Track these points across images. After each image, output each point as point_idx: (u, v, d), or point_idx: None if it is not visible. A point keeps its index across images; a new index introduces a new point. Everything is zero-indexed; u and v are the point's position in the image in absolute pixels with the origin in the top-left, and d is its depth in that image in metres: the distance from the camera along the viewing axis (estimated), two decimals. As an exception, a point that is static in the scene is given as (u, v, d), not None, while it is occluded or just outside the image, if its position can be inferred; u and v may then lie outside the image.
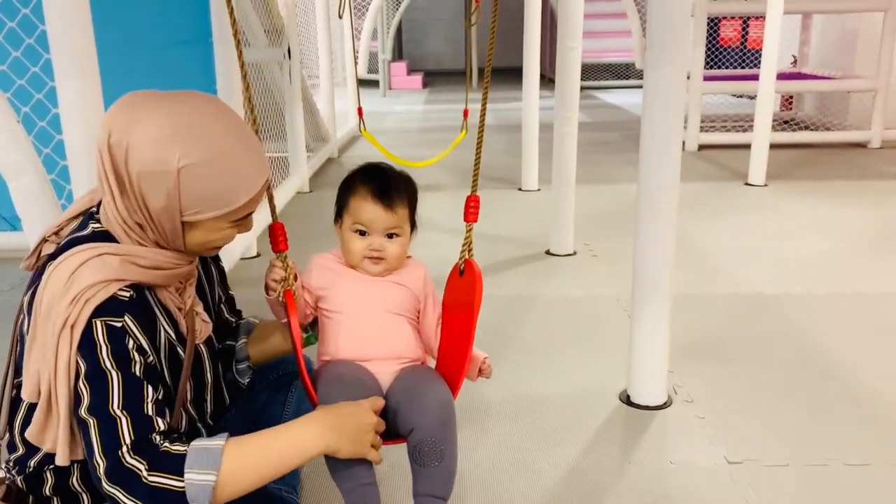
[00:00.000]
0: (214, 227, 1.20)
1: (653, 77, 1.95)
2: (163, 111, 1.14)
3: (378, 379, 1.38)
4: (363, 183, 1.42)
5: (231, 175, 1.17)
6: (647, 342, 2.12)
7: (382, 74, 11.19)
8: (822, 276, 3.23)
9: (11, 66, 2.54)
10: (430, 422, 1.30)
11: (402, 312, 1.44)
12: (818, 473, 1.83)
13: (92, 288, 1.10)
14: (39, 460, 1.23)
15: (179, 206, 1.15)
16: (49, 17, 1.77)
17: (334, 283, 1.43)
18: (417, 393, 1.34)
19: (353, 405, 1.25)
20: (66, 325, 1.08)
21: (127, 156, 1.13)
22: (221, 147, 1.16)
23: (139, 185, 1.13)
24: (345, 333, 1.41)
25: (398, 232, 1.42)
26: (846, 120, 6.70)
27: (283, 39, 4.61)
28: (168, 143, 1.12)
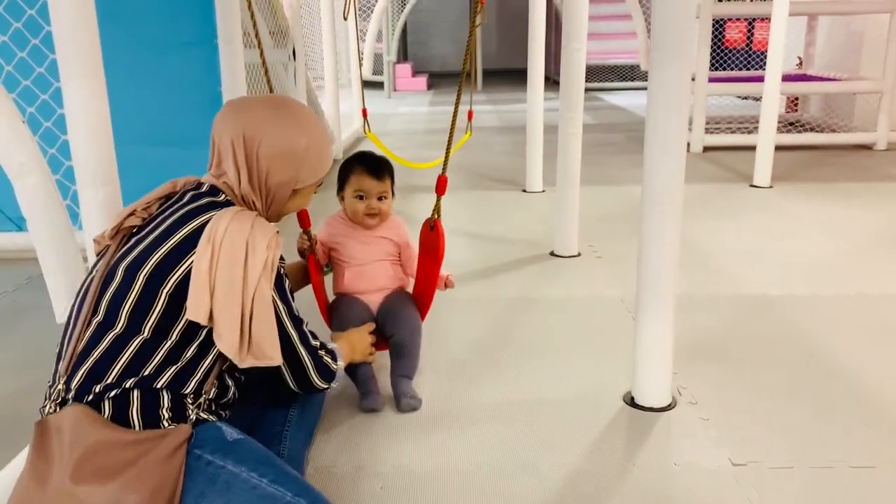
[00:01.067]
0: (308, 192, 1.67)
1: (657, 78, 1.95)
2: (283, 110, 1.58)
3: (370, 305, 2.20)
4: (360, 163, 2.17)
5: (325, 151, 1.64)
6: (652, 343, 2.11)
7: (387, 76, 11.21)
8: (827, 277, 3.22)
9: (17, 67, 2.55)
10: (404, 331, 2.14)
11: (386, 258, 2.23)
12: (823, 476, 1.82)
13: (275, 237, 1.49)
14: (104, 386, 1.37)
15: (297, 178, 1.58)
16: (55, 18, 1.77)
17: (341, 238, 2.20)
18: (396, 312, 2.16)
19: (356, 332, 2.04)
20: (267, 266, 1.44)
21: (259, 145, 1.53)
22: (320, 130, 1.63)
23: (268, 165, 1.54)
24: (348, 276, 2.21)
25: (385, 195, 2.17)
26: (852, 122, 6.69)
27: (288, 41, 4.62)
28: (294, 130, 1.56)
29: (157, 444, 1.33)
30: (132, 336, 1.40)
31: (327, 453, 1.92)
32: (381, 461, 1.89)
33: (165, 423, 1.38)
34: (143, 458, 1.31)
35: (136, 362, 1.39)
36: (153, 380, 1.39)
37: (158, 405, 1.38)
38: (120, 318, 1.40)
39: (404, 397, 2.09)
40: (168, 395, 1.40)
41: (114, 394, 1.36)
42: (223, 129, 1.56)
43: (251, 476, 1.37)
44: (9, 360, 2.54)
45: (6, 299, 3.09)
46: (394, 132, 7.54)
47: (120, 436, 1.32)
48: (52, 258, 2.02)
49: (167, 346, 1.41)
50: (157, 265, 1.42)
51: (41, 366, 1.59)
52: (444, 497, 1.75)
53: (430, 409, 2.15)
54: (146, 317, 1.40)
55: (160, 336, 1.41)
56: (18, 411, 2.16)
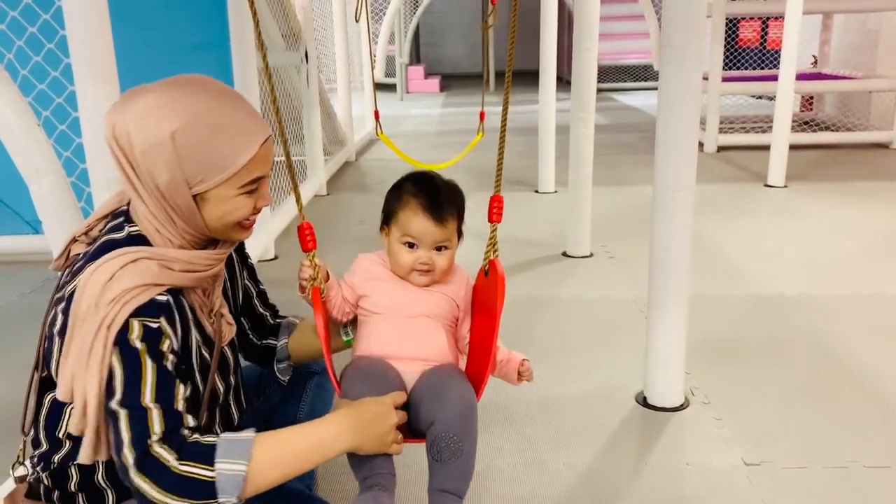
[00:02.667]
0: (225, 196, 1.20)
1: (668, 77, 1.95)
2: (150, 92, 1.18)
3: (403, 377, 1.38)
4: (414, 196, 1.41)
5: (225, 133, 1.17)
6: (664, 343, 2.11)
7: (400, 78, 11.23)
8: (843, 277, 3.19)
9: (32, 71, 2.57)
10: (449, 416, 1.29)
11: (438, 317, 1.45)
12: (837, 475, 1.81)
13: (131, 291, 1.12)
14: (63, 456, 1.24)
15: (184, 176, 1.16)
16: (69, 22, 1.79)
17: (376, 285, 1.45)
18: (440, 389, 1.34)
19: (375, 403, 1.27)
20: (102, 325, 1.09)
21: (130, 140, 1.15)
22: (208, 107, 1.17)
23: (146, 163, 1.16)
24: (378, 331, 1.42)
25: (447, 245, 1.43)
26: (868, 120, 6.63)
27: (300, 44, 4.65)
28: (157, 114, 1.15)
29: None
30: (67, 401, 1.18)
31: (339, 453, 1.92)
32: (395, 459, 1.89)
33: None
34: None
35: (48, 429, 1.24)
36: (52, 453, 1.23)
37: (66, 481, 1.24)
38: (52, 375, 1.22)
39: None
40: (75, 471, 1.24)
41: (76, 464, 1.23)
42: (105, 131, 1.20)
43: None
44: (25, 361, 2.55)
45: (22, 301, 3.12)
46: (406, 134, 7.56)
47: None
48: (68, 260, 2.04)
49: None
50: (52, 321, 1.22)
51: (56, 366, 1.60)
52: (455, 496, 1.75)
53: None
54: None
55: None
56: (34, 411, 2.18)
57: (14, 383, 2.39)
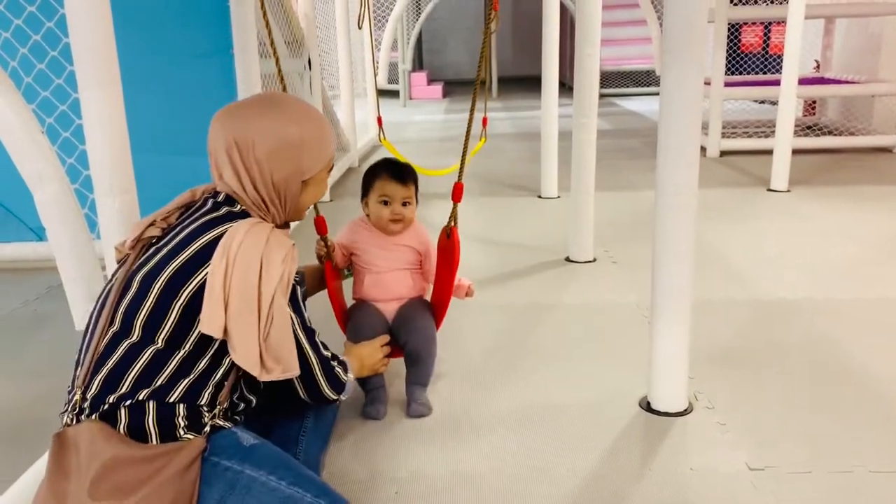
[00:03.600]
0: (320, 179, 1.63)
1: (669, 81, 1.95)
2: (267, 108, 1.55)
3: (385, 314, 2.19)
4: (384, 169, 2.16)
5: (324, 135, 1.60)
6: (667, 348, 2.10)
7: (402, 84, 11.24)
8: (846, 281, 3.19)
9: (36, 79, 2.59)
10: (417, 338, 2.12)
11: (407, 266, 2.22)
12: (842, 480, 1.80)
13: (291, 251, 1.49)
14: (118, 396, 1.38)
15: (301, 169, 1.55)
16: (73, 30, 1.80)
17: (363, 244, 2.19)
18: (410, 321, 2.15)
19: (367, 346, 2.03)
20: (281, 280, 1.44)
21: (253, 147, 1.50)
22: (312, 116, 1.59)
23: (268, 164, 1.51)
24: (367, 283, 2.21)
25: (410, 200, 2.15)
26: (871, 124, 6.62)
27: (303, 50, 4.66)
28: (286, 124, 1.53)
29: (171, 458, 1.34)
30: (145, 346, 1.41)
31: (342, 458, 1.93)
32: (395, 466, 1.90)
33: (181, 433, 1.39)
34: (159, 474, 1.32)
35: (149, 373, 1.40)
36: (167, 392, 1.39)
37: (174, 415, 1.39)
38: (134, 329, 1.41)
39: (414, 402, 2.12)
40: (183, 406, 1.40)
41: (129, 403, 1.37)
42: (215, 140, 1.53)
43: (270, 479, 1.38)
44: (30, 368, 2.57)
45: (27, 308, 3.12)
46: (409, 140, 7.56)
47: (135, 452, 1.33)
48: (71, 266, 2.05)
49: (179, 356, 1.42)
50: (171, 277, 1.42)
51: (61, 373, 1.61)
52: (459, 502, 1.75)
53: (446, 414, 2.15)
54: (159, 328, 1.41)
55: (173, 347, 1.42)
56: (39, 418, 2.18)
57: (20, 389, 2.42)
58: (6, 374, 2.53)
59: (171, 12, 3.21)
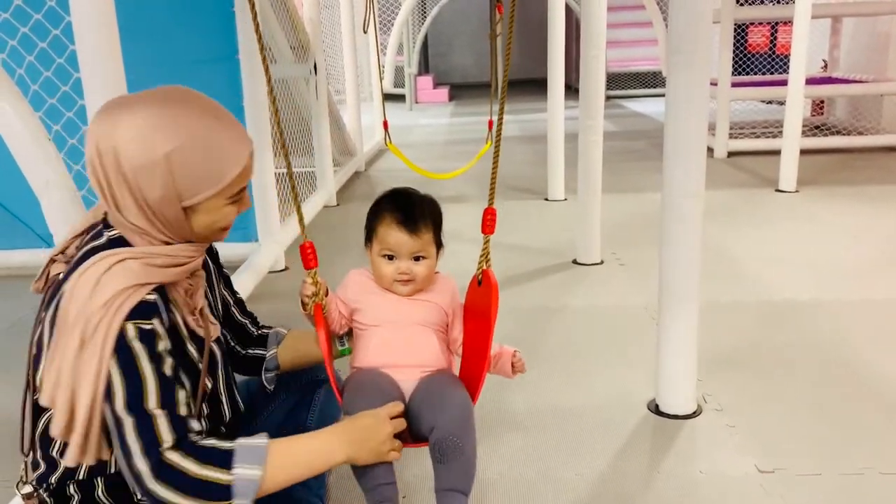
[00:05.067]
0: (214, 207, 1.24)
1: (675, 82, 1.94)
2: (137, 109, 1.18)
3: (401, 385, 1.45)
4: (388, 211, 1.50)
5: (217, 150, 1.21)
6: (675, 350, 2.09)
7: (408, 88, 11.26)
8: (855, 282, 3.17)
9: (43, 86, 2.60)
10: (449, 420, 1.36)
11: (429, 325, 1.52)
12: (852, 483, 1.79)
13: (122, 294, 1.12)
14: (60, 476, 1.25)
15: (177, 192, 1.19)
16: (79, 37, 1.81)
17: (368, 299, 1.52)
18: (438, 395, 1.41)
19: (370, 417, 1.33)
20: (97, 331, 1.10)
21: (117, 158, 1.16)
22: (200, 126, 1.20)
23: (136, 181, 1.17)
24: (374, 343, 1.49)
25: (424, 254, 1.49)
26: (879, 124, 6.59)
27: (308, 55, 4.67)
28: (150, 134, 1.16)
29: None
30: None
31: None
32: (403, 470, 1.89)
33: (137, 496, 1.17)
34: None
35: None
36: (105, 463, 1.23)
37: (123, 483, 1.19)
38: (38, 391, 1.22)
39: None
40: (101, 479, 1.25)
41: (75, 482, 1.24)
42: (86, 144, 1.21)
43: None
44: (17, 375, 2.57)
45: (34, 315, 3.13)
46: (415, 144, 7.57)
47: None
48: (79, 273, 2.05)
49: None
50: None
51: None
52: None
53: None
54: None
55: None
56: (47, 424, 2.19)
57: (27, 396, 2.42)
58: (17, 381, 2.53)
59: (177, 18, 3.22)
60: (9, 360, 2.72)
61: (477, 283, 1.53)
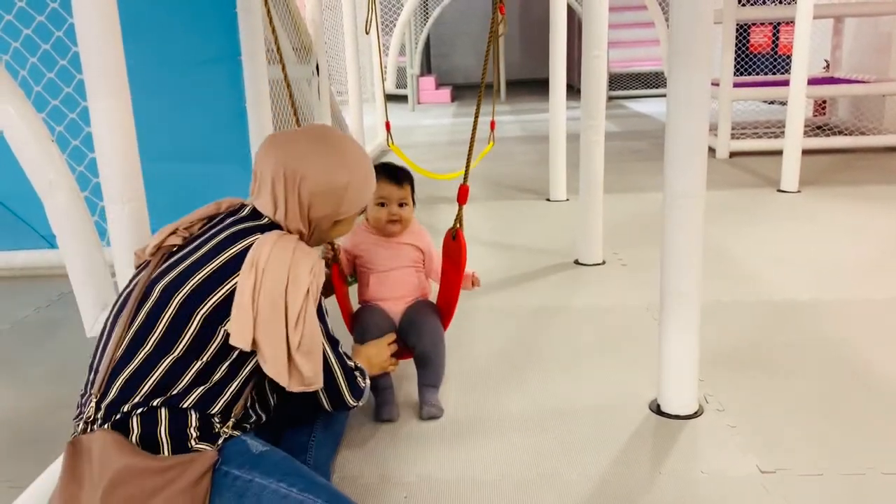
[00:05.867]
0: (351, 220, 1.70)
1: (676, 83, 1.94)
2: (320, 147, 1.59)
3: (391, 313, 2.19)
4: (380, 172, 2.09)
5: (370, 181, 1.69)
6: (677, 351, 2.09)
7: (411, 89, 11.26)
8: (857, 282, 3.17)
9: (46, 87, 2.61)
10: (427, 340, 2.14)
11: (410, 264, 2.23)
12: (854, 483, 1.79)
13: (318, 263, 1.50)
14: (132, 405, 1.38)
15: (338, 211, 1.62)
16: (81, 39, 1.81)
17: (365, 247, 2.22)
18: (418, 322, 2.16)
19: (374, 346, 2.05)
20: (309, 291, 1.46)
21: (300, 182, 1.55)
22: (362, 163, 1.65)
23: (309, 201, 1.57)
24: (372, 282, 2.22)
25: (406, 201, 2.18)
26: (881, 124, 6.58)
27: (311, 56, 4.68)
28: (336, 170, 1.58)
29: (183, 471, 1.34)
30: (163, 356, 1.41)
31: (352, 463, 1.93)
32: (405, 471, 1.89)
33: (193, 443, 1.39)
34: (170, 486, 1.33)
35: (165, 381, 1.40)
36: (180, 399, 1.40)
37: (186, 425, 1.39)
38: (152, 337, 1.41)
39: (426, 405, 2.14)
40: (195, 415, 1.41)
41: (141, 411, 1.37)
42: (265, 163, 1.57)
43: (280, 486, 1.38)
44: (40, 375, 2.58)
45: (38, 315, 3.15)
46: (417, 144, 7.57)
47: (147, 463, 1.34)
48: (82, 273, 2.06)
49: (197, 366, 1.42)
50: (195, 289, 1.43)
51: (73, 380, 1.62)
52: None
53: (455, 418, 2.15)
54: (179, 337, 1.41)
55: (191, 356, 1.42)
56: (52, 425, 2.20)
57: (36, 396, 2.43)
58: (19, 381, 2.55)
59: (179, 19, 3.23)
60: (10, 361, 2.73)
61: (451, 238, 2.13)
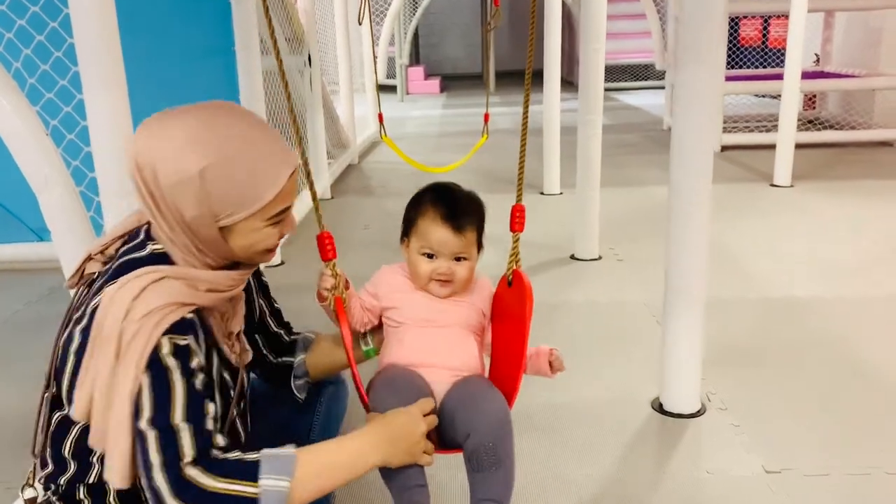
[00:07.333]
0: (252, 228, 1.19)
1: (684, 80, 1.92)
2: (177, 124, 1.16)
3: (433, 387, 1.36)
4: (433, 205, 1.42)
5: (253, 169, 1.16)
6: (680, 349, 2.09)
7: (400, 79, 11.20)
8: (855, 278, 3.17)
9: (40, 80, 2.55)
10: (487, 426, 1.28)
11: (468, 327, 1.45)
12: (860, 483, 1.79)
13: (161, 310, 1.09)
14: (70, 478, 1.21)
15: (212, 211, 1.15)
16: (77, 30, 1.77)
17: (403, 297, 1.45)
18: (474, 400, 1.33)
19: (403, 414, 1.25)
20: (133, 345, 1.07)
21: (155, 174, 1.14)
22: (238, 143, 1.16)
23: (172, 198, 1.14)
24: (408, 340, 1.41)
25: (466, 255, 1.43)
26: (871, 118, 6.61)
27: (303, 47, 4.62)
28: (185, 150, 1.13)
29: None
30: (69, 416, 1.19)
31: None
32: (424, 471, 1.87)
33: None
34: None
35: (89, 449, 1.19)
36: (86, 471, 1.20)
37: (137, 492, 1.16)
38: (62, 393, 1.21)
39: None
40: None
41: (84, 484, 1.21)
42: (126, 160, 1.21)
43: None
44: (33, 372, 2.53)
45: (29, 310, 3.10)
46: (408, 136, 7.53)
47: None
48: (77, 270, 2.02)
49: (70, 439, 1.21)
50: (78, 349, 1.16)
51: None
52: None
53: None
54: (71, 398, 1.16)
55: None
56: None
57: (26, 394, 2.36)
58: (12, 378, 2.50)
59: (173, 11, 3.17)
60: (3, 358, 2.68)
61: (507, 284, 1.46)
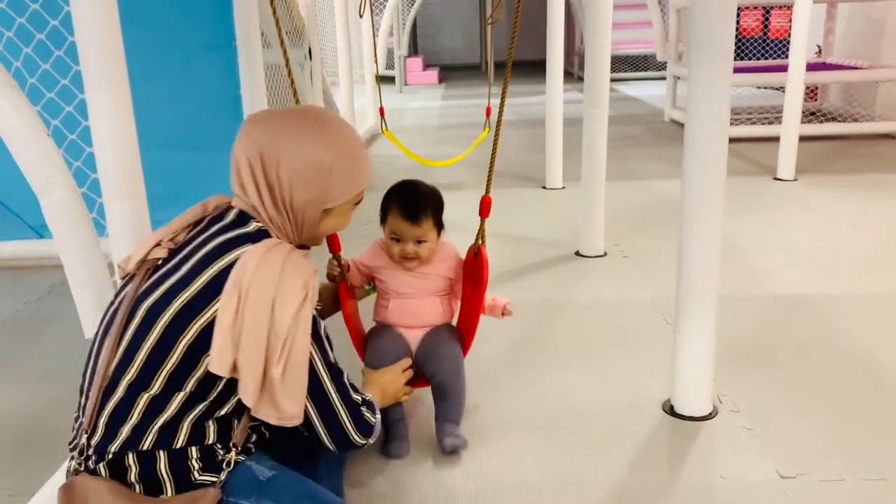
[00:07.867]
0: (343, 211, 1.50)
1: (699, 75, 1.88)
2: (297, 123, 1.42)
3: (409, 340, 1.97)
4: (395, 203, 1.90)
5: (360, 164, 1.47)
6: (692, 351, 2.06)
7: (398, 70, 11.12)
8: (862, 274, 3.15)
9: (41, 79, 2.51)
10: (445, 369, 1.92)
11: (437, 293, 2.00)
12: (877, 489, 1.76)
13: (311, 279, 1.34)
14: (121, 445, 1.30)
15: (326, 196, 1.43)
16: (78, 28, 1.73)
17: (386, 268, 1.98)
18: (437, 351, 1.94)
19: (389, 372, 1.85)
20: (298, 314, 1.30)
21: (279, 163, 1.38)
22: (349, 143, 1.46)
23: (290, 184, 1.39)
24: (392, 307, 1.99)
25: (425, 238, 1.91)
26: (874, 110, 6.57)
27: (303, 40, 4.57)
28: (315, 145, 1.40)
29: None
30: (141, 390, 1.32)
31: (364, 471, 1.88)
32: (419, 479, 1.85)
33: (196, 475, 1.32)
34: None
35: (151, 417, 1.31)
36: (172, 438, 1.32)
37: (186, 457, 1.32)
38: (135, 364, 1.32)
39: (448, 436, 1.89)
40: (194, 448, 1.33)
41: (136, 451, 1.30)
42: (240, 148, 1.41)
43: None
44: (34, 372, 2.50)
45: (30, 308, 3.06)
46: (408, 128, 7.47)
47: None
48: (80, 272, 1.98)
49: (180, 398, 1.32)
50: (179, 312, 1.31)
51: (70, 378, 1.53)
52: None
53: (465, 422, 2.09)
54: (161, 366, 1.31)
55: (174, 388, 1.32)
56: (50, 426, 2.13)
57: (30, 394, 2.35)
58: (14, 379, 2.47)
59: (173, 6, 3.13)
60: (4, 358, 2.64)
61: (473, 255, 1.94)
